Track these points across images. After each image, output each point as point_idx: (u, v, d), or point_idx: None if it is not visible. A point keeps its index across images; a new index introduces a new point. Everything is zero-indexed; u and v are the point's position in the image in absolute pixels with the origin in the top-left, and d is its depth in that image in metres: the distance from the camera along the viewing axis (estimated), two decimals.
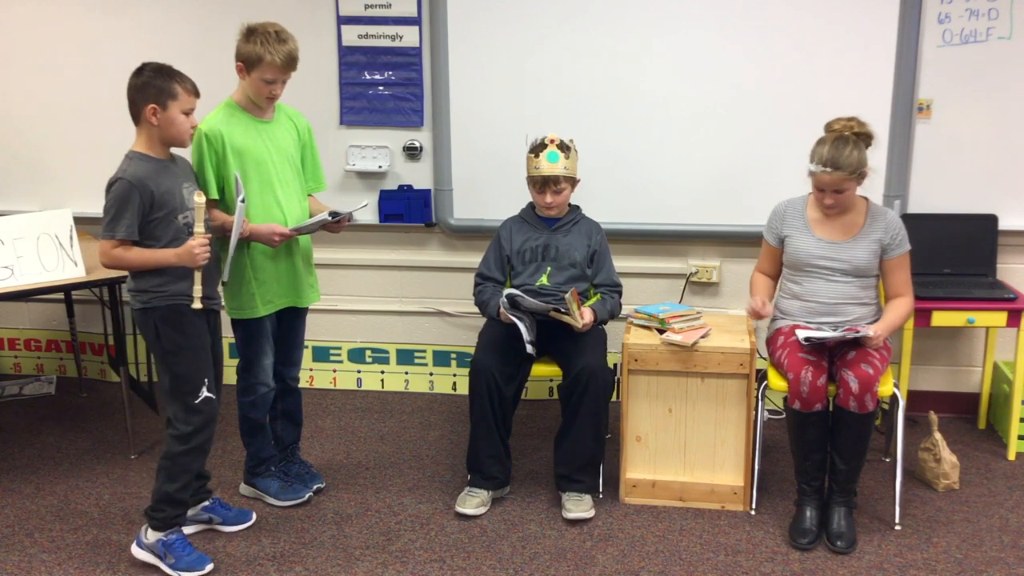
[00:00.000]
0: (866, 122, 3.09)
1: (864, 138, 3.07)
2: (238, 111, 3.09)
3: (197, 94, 2.84)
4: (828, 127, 3.11)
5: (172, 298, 2.85)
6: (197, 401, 2.90)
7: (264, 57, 2.96)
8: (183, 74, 2.81)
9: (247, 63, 3.00)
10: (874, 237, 3.15)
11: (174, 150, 2.91)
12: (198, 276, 2.82)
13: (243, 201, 2.91)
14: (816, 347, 3.08)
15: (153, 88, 2.75)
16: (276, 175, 3.13)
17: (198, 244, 2.78)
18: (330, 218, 3.14)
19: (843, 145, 3.01)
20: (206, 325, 2.96)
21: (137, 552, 2.99)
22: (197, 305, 2.82)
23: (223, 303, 3.13)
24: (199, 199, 2.79)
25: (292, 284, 3.23)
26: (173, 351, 2.88)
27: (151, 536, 2.96)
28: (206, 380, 2.92)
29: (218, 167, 3.05)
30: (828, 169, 3.01)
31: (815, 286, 3.18)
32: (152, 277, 2.84)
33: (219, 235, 3.01)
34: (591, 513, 3.22)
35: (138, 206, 2.75)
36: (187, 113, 2.81)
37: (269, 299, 3.18)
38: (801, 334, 3.08)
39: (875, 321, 3.17)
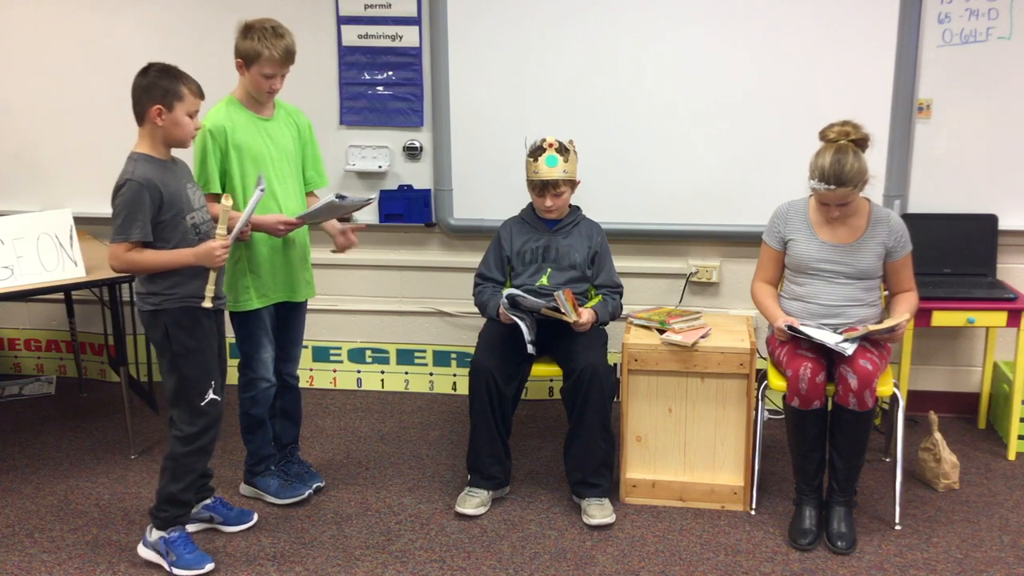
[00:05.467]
0: (860, 124, 3.04)
1: (861, 143, 3.03)
2: (239, 108, 3.11)
3: (202, 96, 2.83)
4: (823, 135, 3.06)
5: (183, 300, 2.84)
6: (203, 403, 2.90)
7: (262, 52, 2.99)
8: (189, 75, 2.79)
9: (246, 59, 3.03)
10: (878, 240, 3.14)
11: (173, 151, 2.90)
12: (212, 276, 2.82)
13: (263, 191, 2.89)
14: (813, 344, 3.08)
15: (159, 89, 2.73)
16: (275, 172, 3.15)
17: (220, 246, 2.79)
18: (336, 199, 3.12)
19: (843, 158, 2.95)
20: (214, 325, 2.96)
21: (143, 551, 3.00)
22: (207, 304, 2.82)
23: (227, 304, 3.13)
24: (227, 202, 2.80)
25: (287, 278, 3.24)
26: (182, 353, 2.87)
27: (155, 534, 2.97)
28: (212, 382, 2.92)
29: (221, 162, 3.07)
30: (832, 187, 2.98)
31: (818, 288, 3.18)
32: (163, 279, 2.82)
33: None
34: (613, 518, 3.20)
35: (148, 207, 2.73)
36: (191, 115, 2.79)
37: (264, 292, 3.19)
38: (789, 322, 3.09)
39: (879, 323, 3.16)
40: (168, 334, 2.86)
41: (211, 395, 2.92)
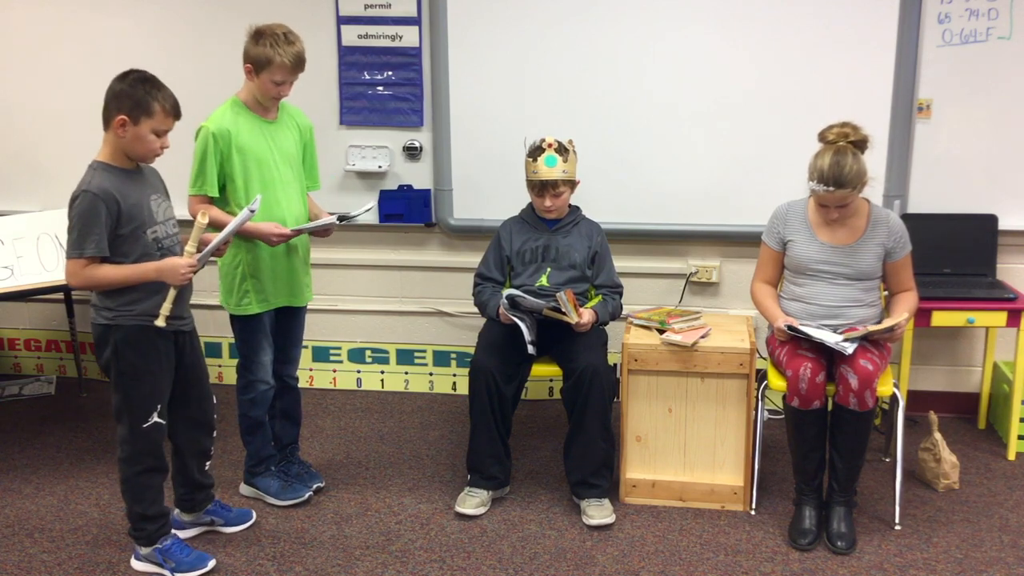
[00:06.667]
0: (859, 125, 3.04)
1: (860, 145, 3.02)
2: (244, 110, 3.10)
3: (177, 116, 2.66)
4: (822, 136, 3.06)
5: (139, 318, 2.69)
6: (145, 425, 2.78)
7: (274, 59, 2.97)
8: (168, 91, 2.64)
9: (256, 64, 3.01)
10: (877, 241, 3.14)
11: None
12: (172, 294, 2.67)
13: (252, 211, 2.78)
14: (813, 344, 3.08)
15: (129, 99, 2.58)
16: (278, 176, 3.15)
17: (186, 264, 2.65)
18: (338, 222, 3.14)
19: (842, 160, 2.95)
20: (171, 348, 2.82)
21: (137, 565, 2.96)
22: (161, 323, 2.66)
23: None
24: (202, 219, 2.69)
25: (288, 283, 3.23)
26: (129, 373, 2.74)
27: (145, 548, 2.93)
28: (158, 406, 2.80)
29: (222, 165, 3.05)
30: (831, 188, 2.98)
31: (818, 289, 3.17)
32: (121, 294, 2.68)
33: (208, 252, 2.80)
34: (613, 518, 3.19)
35: (105, 220, 2.59)
36: (159, 134, 2.63)
37: (264, 297, 3.18)
38: (788, 321, 3.09)
39: (878, 322, 3.16)
40: (117, 352, 2.72)
41: (155, 419, 2.79)
